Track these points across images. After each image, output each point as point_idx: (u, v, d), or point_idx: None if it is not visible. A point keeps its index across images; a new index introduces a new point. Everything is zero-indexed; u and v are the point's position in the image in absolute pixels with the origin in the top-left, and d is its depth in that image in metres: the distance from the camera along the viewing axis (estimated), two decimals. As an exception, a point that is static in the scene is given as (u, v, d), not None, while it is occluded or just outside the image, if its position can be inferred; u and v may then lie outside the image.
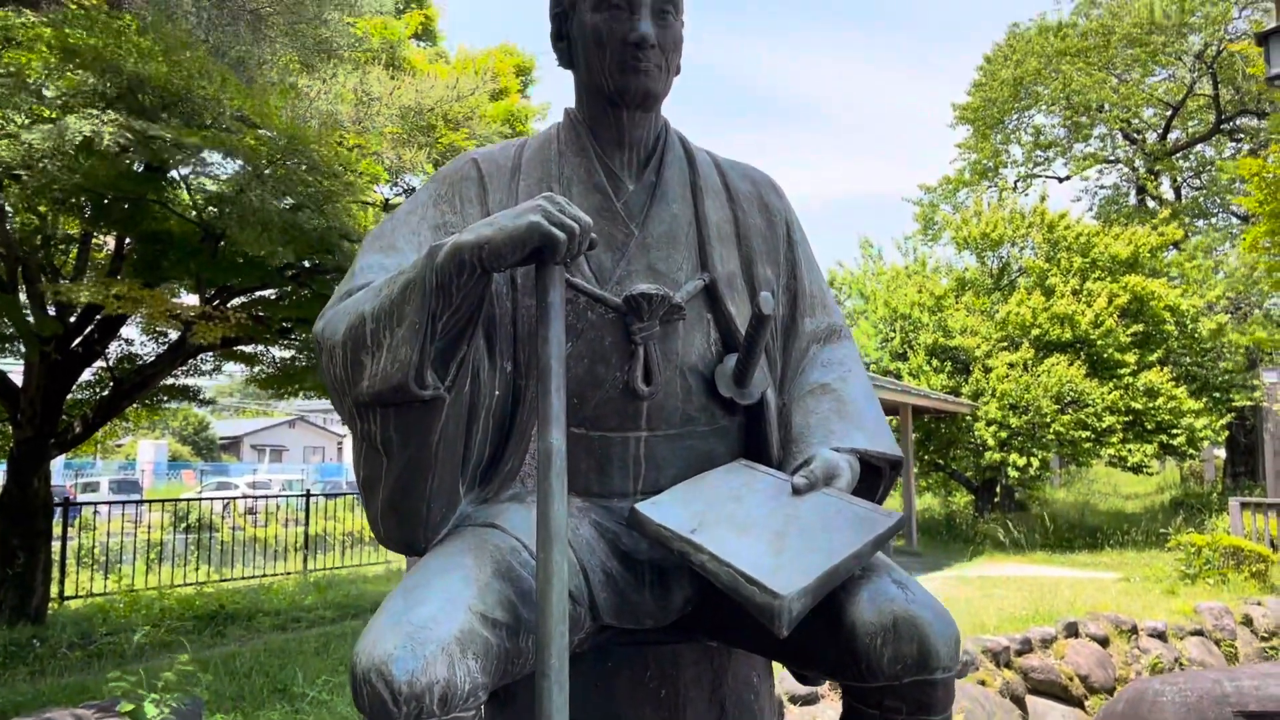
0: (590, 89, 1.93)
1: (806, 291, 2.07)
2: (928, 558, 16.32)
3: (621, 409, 1.80)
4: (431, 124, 7.55)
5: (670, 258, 1.89)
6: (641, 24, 1.83)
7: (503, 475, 1.80)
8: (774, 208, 2.10)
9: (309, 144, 5.76)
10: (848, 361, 2.02)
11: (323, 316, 1.75)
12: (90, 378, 10.44)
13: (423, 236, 1.86)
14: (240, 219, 6.13)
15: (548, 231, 1.51)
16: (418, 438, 1.62)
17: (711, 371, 1.87)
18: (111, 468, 43.15)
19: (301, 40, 5.81)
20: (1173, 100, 27.36)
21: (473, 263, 1.52)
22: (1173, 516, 18.84)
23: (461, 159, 2.02)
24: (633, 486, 1.82)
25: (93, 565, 12.91)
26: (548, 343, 1.55)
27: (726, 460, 1.87)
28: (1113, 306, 18.03)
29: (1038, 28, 27.57)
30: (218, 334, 7.17)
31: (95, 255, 9.78)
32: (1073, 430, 17.10)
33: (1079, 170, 29.93)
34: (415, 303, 1.53)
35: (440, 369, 1.60)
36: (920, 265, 21.83)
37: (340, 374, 1.65)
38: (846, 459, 1.76)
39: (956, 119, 30.32)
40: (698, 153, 2.06)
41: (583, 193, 1.91)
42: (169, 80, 5.58)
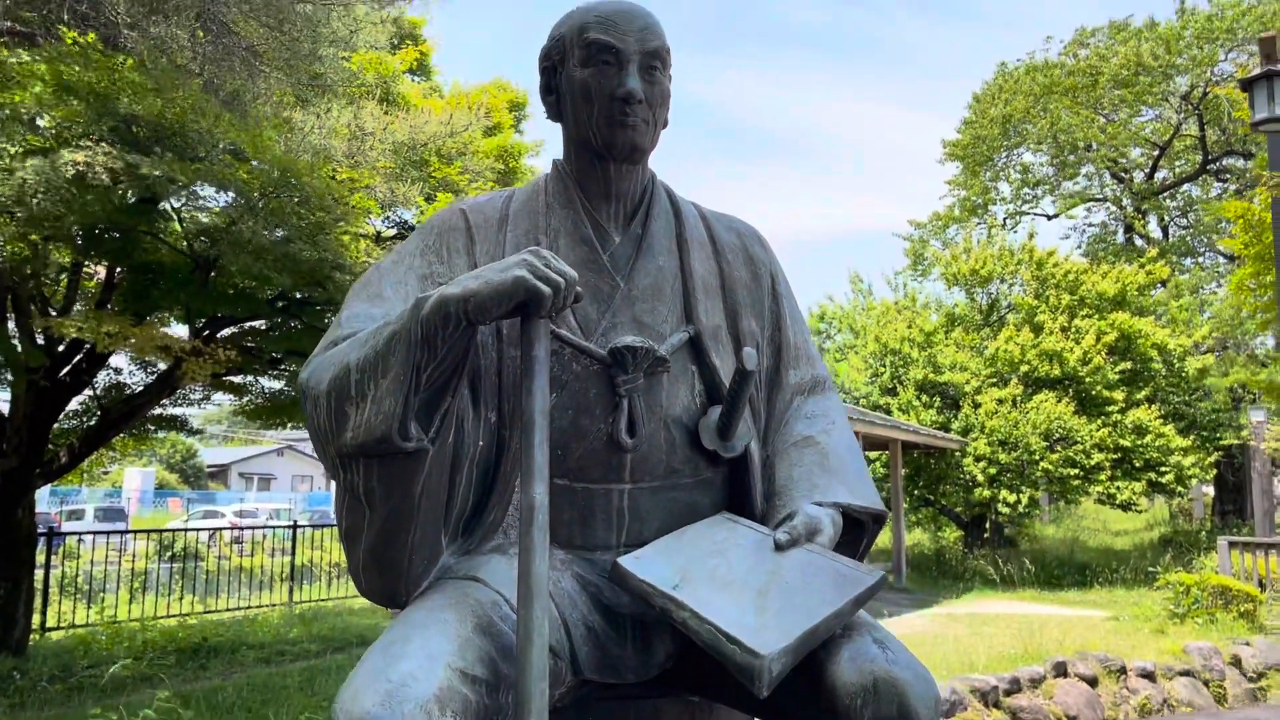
0: (578, 142, 1.96)
1: (791, 344, 2.08)
2: (917, 594, 16.27)
3: (605, 461, 1.81)
4: (425, 158, 7.58)
5: (655, 310, 1.91)
6: (629, 80, 1.85)
7: (485, 526, 1.80)
8: (759, 260, 2.11)
9: (301, 177, 5.78)
10: (831, 413, 2.03)
11: (308, 365, 1.75)
12: (77, 407, 10.38)
13: (409, 286, 1.87)
14: (232, 249, 6.14)
15: (533, 286, 1.52)
16: (400, 489, 1.62)
17: (695, 424, 1.87)
18: (97, 495, 42.81)
19: (296, 76, 5.85)
20: (1159, 140, 27.67)
21: (458, 315, 1.53)
22: (1161, 554, 18.84)
23: (449, 209, 2.03)
24: (616, 539, 1.82)
25: (75, 594, 12.77)
26: (532, 396, 1.55)
27: (710, 513, 1.87)
28: (1101, 344, 18.15)
29: (1026, 67, 27.91)
30: (208, 371, 7.16)
31: (85, 284, 9.76)
32: (1061, 467, 17.15)
33: (1067, 208, 30.23)
34: (400, 354, 1.54)
35: (424, 420, 1.61)
36: (910, 301, 21.95)
37: (324, 424, 1.65)
38: (829, 514, 1.76)
39: (946, 156, 30.62)
40: (684, 205, 2.08)
41: (570, 245, 1.92)
42: (162, 115, 5.60)
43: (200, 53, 5.65)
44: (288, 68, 5.68)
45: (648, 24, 1.90)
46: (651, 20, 1.91)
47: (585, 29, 1.88)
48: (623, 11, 1.89)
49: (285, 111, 6.61)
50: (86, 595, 12.67)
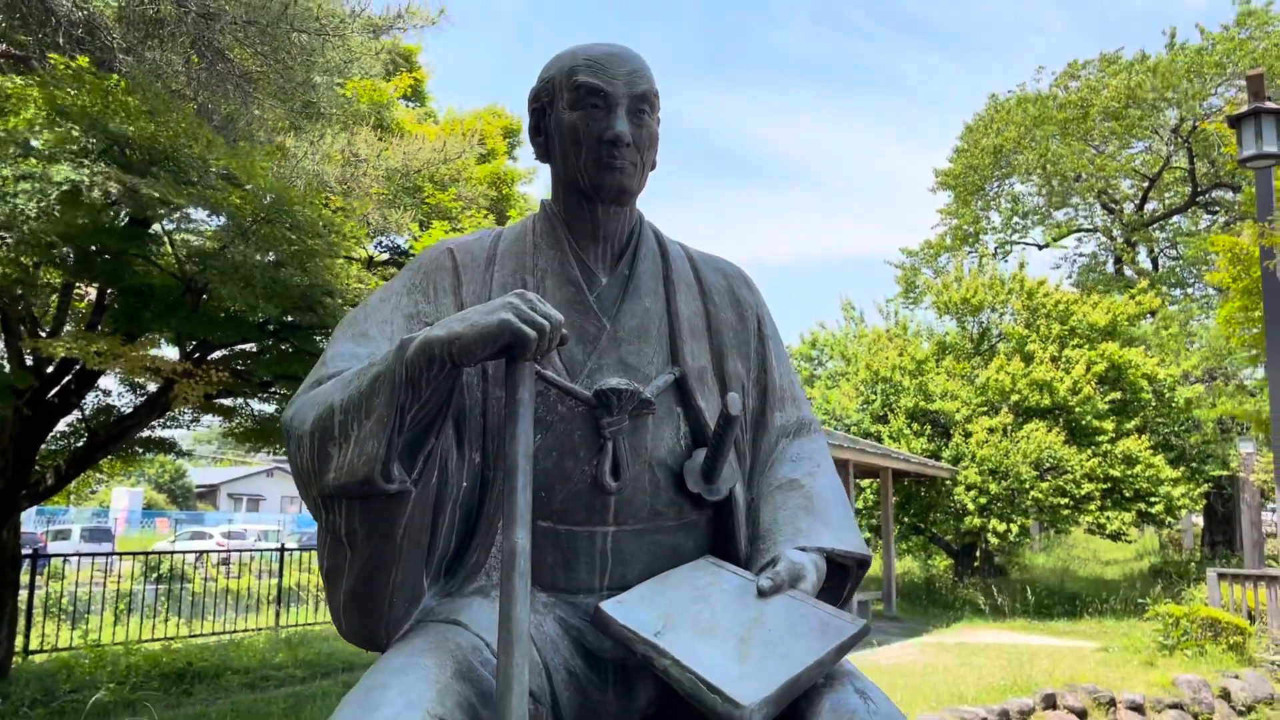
0: (566, 183, 1.96)
1: (777, 385, 2.09)
2: (907, 622, 16.23)
3: (589, 503, 1.80)
4: (418, 185, 7.60)
5: (641, 351, 1.91)
6: (618, 123, 1.86)
7: (468, 568, 1.79)
8: (745, 302, 2.12)
9: (293, 204, 5.79)
10: (816, 456, 2.03)
11: (292, 404, 1.75)
12: (65, 428, 10.32)
13: (395, 325, 1.87)
14: (222, 274, 6.14)
15: (518, 329, 1.53)
16: (382, 531, 1.62)
17: (680, 466, 1.87)
18: (85, 515, 42.52)
19: (290, 103, 5.88)
20: (1149, 172, 27.88)
21: (443, 358, 1.53)
22: (1151, 585, 18.84)
23: (437, 248, 2.04)
24: (599, 582, 1.81)
25: (59, 615, 12.67)
26: (515, 439, 1.55)
27: (694, 556, 1.87)
28: (1091, 374, 18.23)
29: (1018, 98, 28.14)
30: (199, 393, 7.14)
31: (76, 305, 9.74)
32: (1052, 497, 17.17)
33: (1057, 238, 30.41)
34: (384, 396, 1.54)
35: (407, 461, 1.60)
36: (901, 328, 22.02)
37: (307, 464, 1.65)
38: (812, 559, 1.76)
39: (938, 184, 30.80)
40: (671, 245, 2.09)
41: (556, 285, 1.93)
42: (155, 138, 5.61)
43: (194, 78, 5.67)
44: (281, 94, 5.70)
45: (636, 68, 1.91)
46: (640, 64, 1.93)
47: (574, 72, 1.89)
48: (612, 55, 1.91)
49: (279, 137, 6.62)
50: (71, 616, 12.57)
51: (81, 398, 9.52)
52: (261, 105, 5.89)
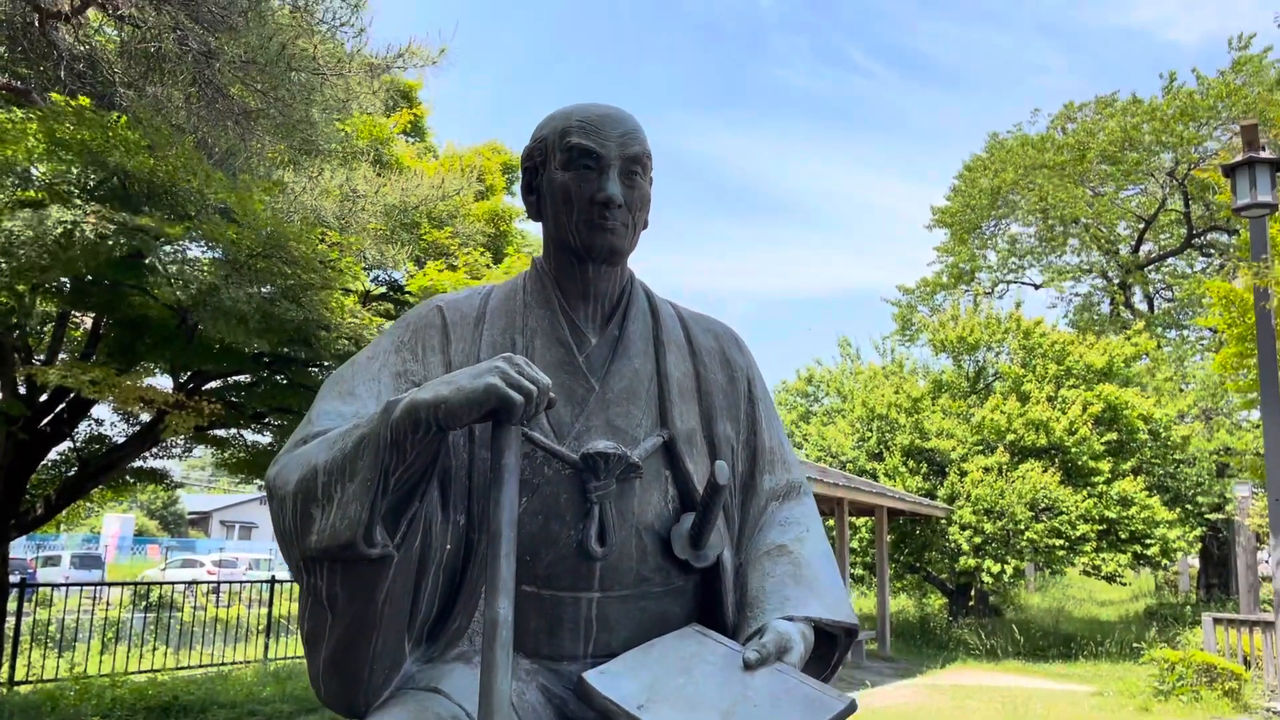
0: (558, 242, 1.96)
1: (766, 448, 2.07)
2: (900, 662, 16.11)
3: (574, 568, 1.78)
4: (416, 221, 7.61)
5: (630, 414, 1.89)
6: (609, 184, 1.86)
7: (450, 633, 1.77)
8: (736, 363, 2.10)
9: (288, 239, 5.80)
10: (806, 520, 2.01)
11: (276, 462, 1.73)
12: (56, 457, 10.28)
13: (383, 384, 1.85)
14: (215, 311, 6.14)
15: (505, 394, 1.51)
16: (363, 596, 1.60)
17: (668, 531, 1.85)
18: (75, 540, 42.26)
19: (289, 139, 5.90)
20: (1145, 214, 28.03)
21: (428, 421, 1.52)
22: (1147, 628, 18.73)
23: (427, 305, 2.03)
24: (583, 649, 1.79)
25: (46, 643, 12.55)
26: (500, 506, 1.54)
27: (681, 623, 1.84)
28: (1087, 414, 18.21)
29: (1018, 140, 28.33)
30: (190, 424, 7.11)
31: (72, 333, 9.74)
32: (1047, 538, 17.10)
33: (1053, 279, 30.51)
34: (368, 458, 1.53)
35: (390, 524, 1.59)
36: (898, 366, 22.03)
37: (289, 526, 1.63)
38: (800, 629, 1.73)
39: (934, 222, 30.94)
40: (662, 305, 2.08)
41: (546, 345, 1.92)
42: (154, 172, 5.63)
43: (194, 113, 5.69)
44: (280, 131, 5.72)
45: (629, 130, 1.91)
46: (633, 126, 1.93)
47: (567, 133, 1.89)
48: (605, 116, 1.91)
49: (278, 172, 6.64)
50: (58, 644, 12.45)
51: (74, 427, 9.50)
52: (260, 141, 5.91)
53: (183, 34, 5.05)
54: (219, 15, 4.87)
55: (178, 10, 5.07)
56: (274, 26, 4.99)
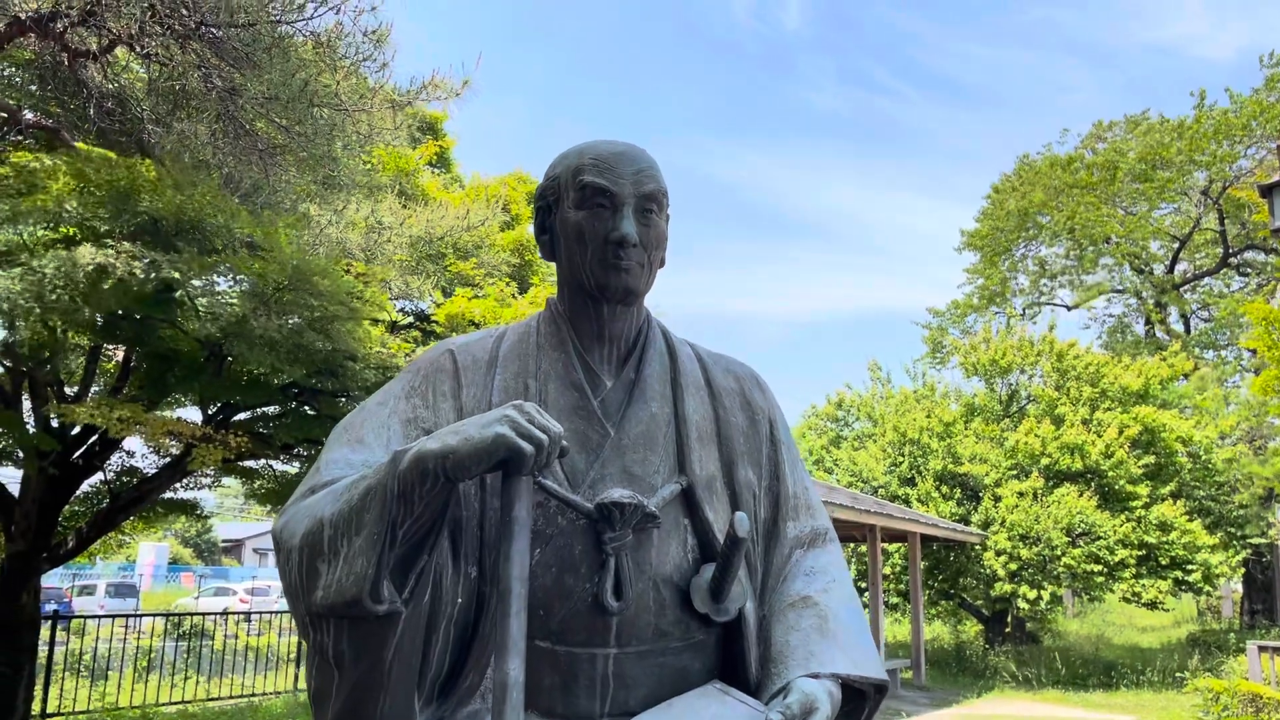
0: (572, 283, 1.90)
1: (790, 494, 1.99)
2: (936, 692, 15.84)
3: (590, 623, 1.71)
4: (441, 252, 7.62)
5: (646, 460, 1.82)
6: (624, 223, 1.80)
7: (461, 691, 1.70)
8: (757, 406, 2.03)
9: (314, 274, 5.82)
10: (831, 570, 1.93)
11: (284, 512, 1.69)
12: (88, 489, 10.36)
13: (392, 431, 1.80)
14: (246, 340, 6.17)
15: (515, 444, 1.46)
16: (371, 654, 1.54)
17: (687, 583, 1.77)
18: (111, 569, 42.64)
19: (313, 174, 5.92)
20: (1179, 234, 27.68)
21: (436, 472, 1.47)
22: (1189, 655, 18.32)
23: (438, 349, 1.98)
24: (600, 708, 1.71)
25: (79, 673, 12.61)
26: (510, 560, 1.48)
27: (701, 678, 1.77)
28: (1123, 437, 17.90)
29: (1046, 160, 28.11)
30: (218, 457, 7.13)
31: (104, 366, 9.83)
32: (1084, 563, 16.78)
33: (1086, 300, 30.14)
34: (375, 511, 1.48)
35: (399, 579, 1.53)
36: (929, 390, 21.82)
37: (296, 580, 1.58)
38: (826, 687, 1.65)
39: (964, 245, 30.72)
40: (680, 346, 2.02)
41: (559, 390, 1.86)
42: (182, 210, 5.67)
43: (219, 149, 5.73)
44: (304, 166, 5.75)
45: (643, 167, 1.86)
46: (648, 163, 1.88)
47: (580, 171, 1.84)
48: (618, 154, 1.86)
49: (303, 205, 6.68)
50: (91, 673, 12.51)
51: (106, 460, 9.56)
52: (286, 175, 5.94)
53: (207, 71, 5.09)
54: (243, 52, 4.91)
55: (204, 48, 5.12)
56: (297, 63, 5.02)
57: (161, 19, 4.93)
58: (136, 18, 5.00)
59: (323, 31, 5.17)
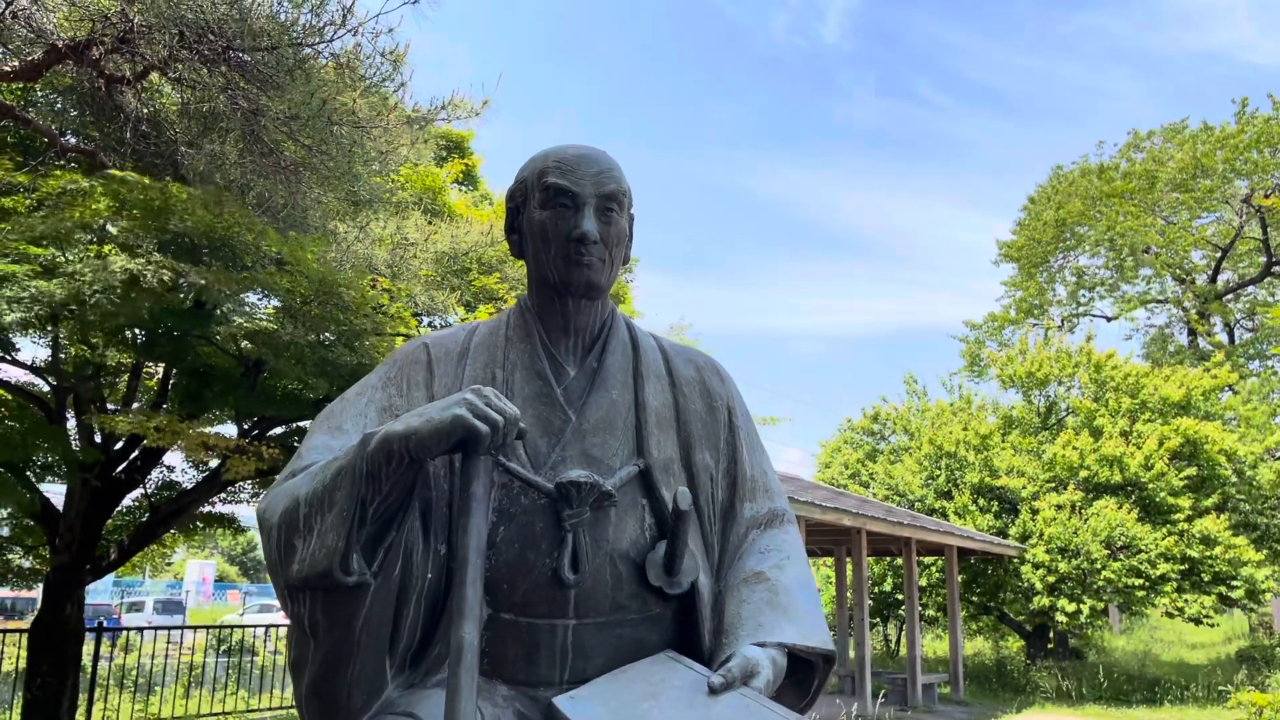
0: (538, 279, 2.03)
1: (747, 476, 2.08)
2: (974, 707, 15.68)
3: (550, 596, 1.81)
4: (466, 267, 7.78)
5: (606, 444, 1.93)
6: (585, 221, 1.92)
7: (430, 660, 1.81)
8: (716, 393, 2.13)
9: (339, 288, 5.99)
10: (786, 548, 2.01)
11: (266, 495, 1.81)
12: (130, 503, 10.63)
13: (369, 418, 1.92)
14: (273, 354, 6.36)
15: (471, 424, 1.57)
16: (342, 623, 1.65)
17: (644, 559, 1.87)
18: (159, 586, 43.39)
19: (335, 191, 6.12)
20: (1221, 243, 27.26)
21: (400, 452, 1.58)
22: (1237, 671, 17.96)
23: (414, 342, 2.10)
24: (559, 676, 1.81)
25: (123, 686, 12.89)
26: (467, 533, 1.58)
27: (657, 649, 1.86)
28: (1164, 449, 17.61)
29: (1080, 170, 27.85)
30: (251, 468, 7.33)
31: (146, 383, 10.12)
32: (1125, 577, 16.51)
33: (1126, 310, 29.74)
34: (346, 489, 1.59)
35: (369, 553, 1.64)
36: (966, 402, 21.66)
37: (275, 555, 1.70)
38: (770, 655, 1.73)
39: (1002, 257, 30.48)
40: (643, 338, 2.13)
41: (525, 378, 1.97)
42: (212, 228, 5.88)
43: (246, 169, 5.94)
44: (326, 184, 5.94)
45: (604, 169, 1.97)
46: (608, 165, 1.99)
47: (545, 173, 1.97)
48: (581, 157, 1.98)
49: (331, 223, 6.87)
50: (140, 688, 12.79)
51: (147, 474, 9.83)
52: (312, 193, 6.13)
53: (233, 93, 5.29)
54: (267, 75, 5.11)
55: (230, 71, 5.32)
56: (318, 83, 5.21)
57: (190, 44, 5.14)
58: (167, 44, 5.22)
59: (342, 53, 5.36)
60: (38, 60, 5.46)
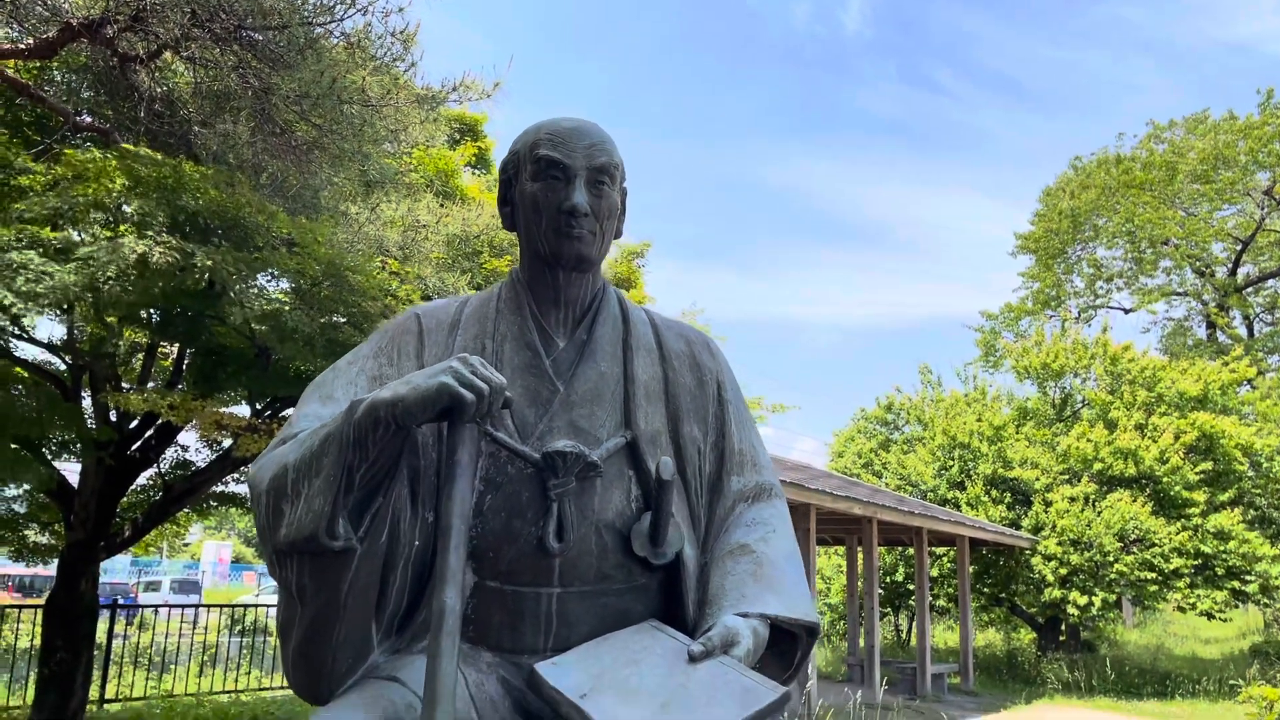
0: (529, 251, 2.03)
1: (735, 450, 2.09)
2: (984, 697, 15.67)
3: (535, 564, 1.83)
4: (477, 250, 7.79)
5: (593, 415, 1.94)
6: (575, 194, 1.93)
7: (416, 626, 1.83)
8: (705, 367, 2.14)
9: (348, 270, 6.02)
10: (773, 521, 2.02)
11: (257, 462, 1.82)
12: (144, 482, 10.72)
13: (360, 387, 1.93)
14: (280, 333, 6.40)
15: (456, 392, 1.58)
16: (329, 587, 1.67)
17: (629, 529, 1.89)
18: (176, 567, 43.79)
19: (346, 172, 6.14)
20: (1242, 235, 26.99)
21: (387, 419, 1.59)
22: (1250, 666, 17.86)
23: (407, 313, 2.12)
24: (544, 643, 1.83)
25: (138, 663, 13.03)
26: (451, 500, 1.60)
27: (642, 619, 1.87)
28: (1180, 443, 17.50)
29: (1097, 161, 27.61)
30: (262, 446, 7.37)
31: (162, 363, 10.19)
32: (1137, 571, 16.44)
33: (1145, 302, 29.51)
34: (332, 455, 1.61)
35: (355, 520, 1.66)
36: (980, 393, 21.56)
37: (264, 520, 1.72)
38: (751, 625, 1.74)
39: (1018, 248, 30.29)
40: (634, 312, 2.13)
41: (514, 349, 1.98)
42: (224, 207, 5.90)
43: (257, 149, 5.96)
44: (337, 163, 5.95)
45: (596, 141, 1.98)
46: (601, 138, 2.00)
47: (536, 145, 1.97)
48: (573, 129, 1.98)
49: (343, 204, 6.89)
50: (156, 666, 12.92)
51: (161, 453, 9.90)
52: (324, 174, 6.15)
53: (244, 71, 5.32)
54: (278, 53, 5.13)
55: (242, 50, 5.34)
56: (328, 62, 5.22)
57: (203, 22, 5.17)
58: (180, 22, 5.24)
59: (352, 32, 5.38)
60: (52, 38, 5.50)
